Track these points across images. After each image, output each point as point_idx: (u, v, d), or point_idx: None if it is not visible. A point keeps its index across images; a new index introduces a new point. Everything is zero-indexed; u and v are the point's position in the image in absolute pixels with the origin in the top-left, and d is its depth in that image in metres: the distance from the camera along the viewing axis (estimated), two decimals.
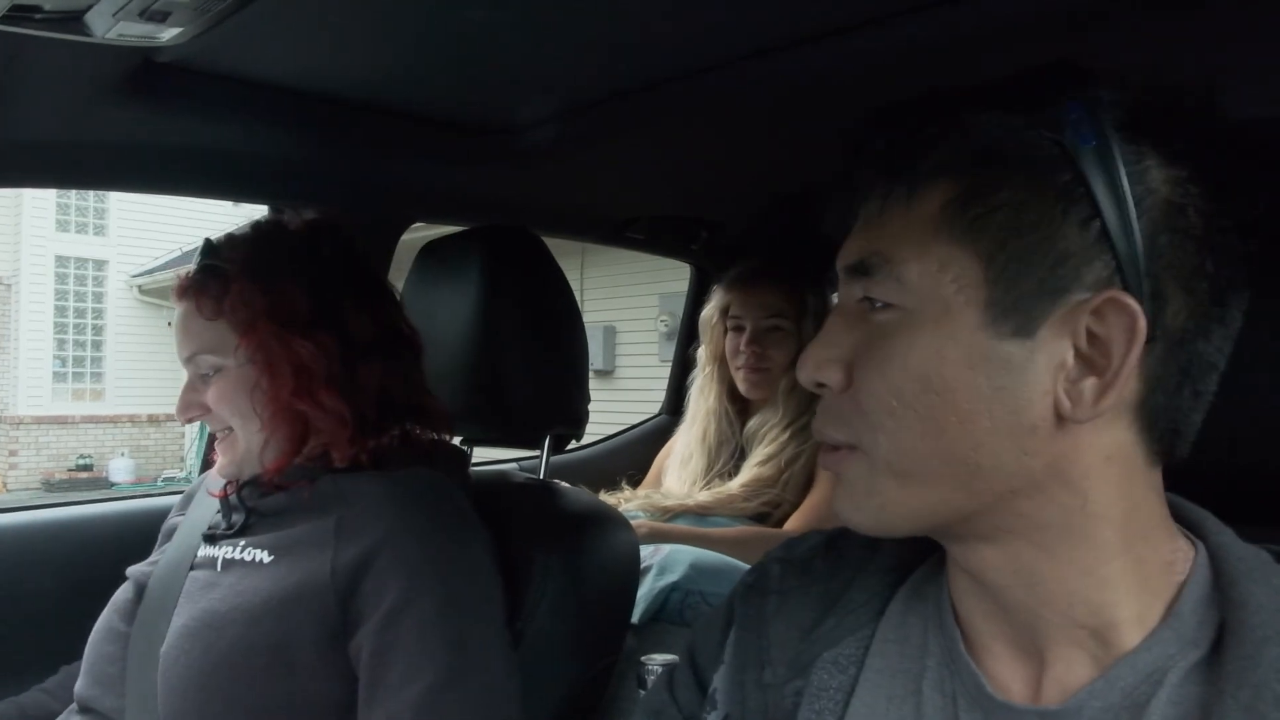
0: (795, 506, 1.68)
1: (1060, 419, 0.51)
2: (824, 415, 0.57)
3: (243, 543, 1.03)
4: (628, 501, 1.74)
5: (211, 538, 1.07)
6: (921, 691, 0.57)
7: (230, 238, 1.10)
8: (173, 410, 1.14)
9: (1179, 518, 0.56)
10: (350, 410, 1.04)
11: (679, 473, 1.86)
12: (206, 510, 1.13)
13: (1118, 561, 0.52)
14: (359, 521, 0.98)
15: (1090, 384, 0.50)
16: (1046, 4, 0.88)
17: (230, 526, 1.06)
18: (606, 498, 1.75)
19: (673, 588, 1.36)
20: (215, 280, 1.04)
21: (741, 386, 1.81)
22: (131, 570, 1.13)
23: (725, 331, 1.84)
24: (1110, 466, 0.52)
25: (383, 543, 0.96)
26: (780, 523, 1.67)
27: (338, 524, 0.98)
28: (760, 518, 1.68)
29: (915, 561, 0.64)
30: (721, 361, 1.85)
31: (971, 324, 0.51)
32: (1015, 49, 0.94)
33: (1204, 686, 0.49)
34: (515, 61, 1.09)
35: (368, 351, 1.06)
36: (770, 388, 1.77)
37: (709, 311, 1.89)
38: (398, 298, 1.16)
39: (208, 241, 1.09)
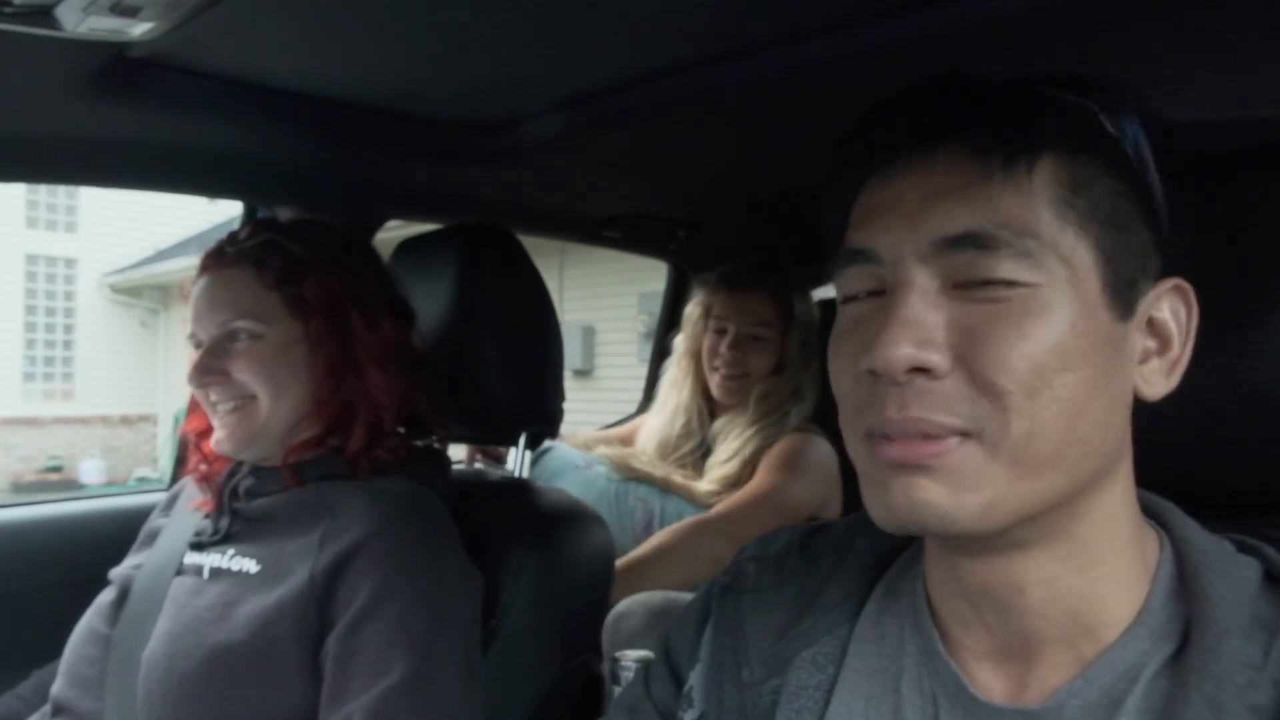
0: None
1: (1134, 400, 0.54)
2: (925, 401, 0.50)
3: (231, 551, 1.03)
4: (603, 448, 1.73)
5: (198, 545, 1.06)
6: (900, 692, 0.57)
7: (292, 221, 1.12)
8: (145, 410, 1.14)
9: (1144, 510, 0.57)
10: (390, 405, 1.07)
11: None
12: (191, 514, 1.12)
13: (1127, 552, 0.54)
14: (340, 530, 0.98)
15: (1154, 365, 0.54)
16: (1027, 9, 0.89)
17: (216, 532, 1.06)
18: (583, 442, 1.74)
19: None
20: (280, 254, 1.06)
21: (715, 390, 1.78)
22: (114, 573, 1.12)
23: (705, 330, 1.81)
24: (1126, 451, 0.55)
25: (358, 548, 0.96)
26: None
27: (323, 534, 0.99)
28: None
29: (889, 558, 0.64)
30: (697, 358, 1.82)
31: (1095, 303, 0.51)
32: (995, 52, 0.95)
33: (1172, 680, 0.50)
34: (494, 61, 1.09)
35: (400, 355, 1.10)
36: (743, 394, 1.75)
37: (692, 307, 1.86)
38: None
39: (261, 218, 1.11)
